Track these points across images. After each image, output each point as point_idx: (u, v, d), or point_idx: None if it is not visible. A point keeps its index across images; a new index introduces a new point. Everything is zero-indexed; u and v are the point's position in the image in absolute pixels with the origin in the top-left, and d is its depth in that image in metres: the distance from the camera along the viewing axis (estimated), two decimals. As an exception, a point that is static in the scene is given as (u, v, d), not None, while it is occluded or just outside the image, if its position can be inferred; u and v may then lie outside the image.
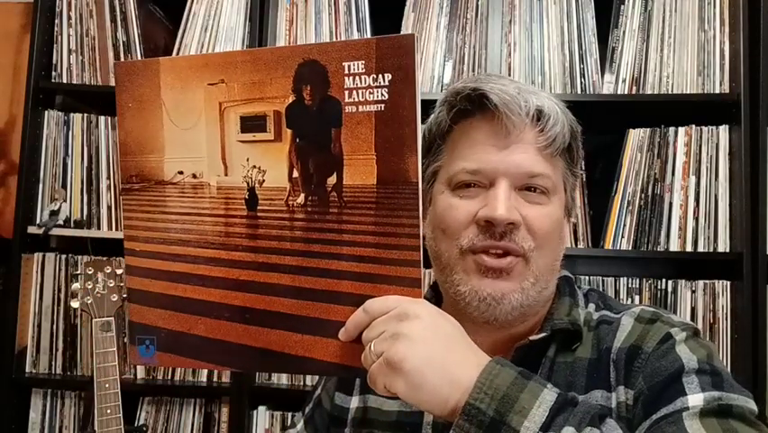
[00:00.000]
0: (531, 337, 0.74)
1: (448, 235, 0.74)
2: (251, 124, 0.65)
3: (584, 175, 1.63)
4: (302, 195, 0.64)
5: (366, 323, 0.61)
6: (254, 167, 0.65)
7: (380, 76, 0.60)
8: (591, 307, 0.80)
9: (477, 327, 0.75)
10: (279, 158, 0.64)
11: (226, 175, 0.67)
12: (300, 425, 0.89)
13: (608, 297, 0.82)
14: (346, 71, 0.61)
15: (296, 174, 0.64)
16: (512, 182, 0.72)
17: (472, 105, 0.74)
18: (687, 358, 0.66)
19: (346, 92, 0.61)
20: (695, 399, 0.62)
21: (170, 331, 0.68)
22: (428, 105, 0.77)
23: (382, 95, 0.60)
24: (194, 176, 0.68)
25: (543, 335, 0.74)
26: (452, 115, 0.75)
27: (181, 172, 0.68)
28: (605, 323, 0.76)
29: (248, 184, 0.66)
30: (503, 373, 0.57)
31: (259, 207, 0.65)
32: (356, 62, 0.60)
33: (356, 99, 0.61)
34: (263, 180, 0.65)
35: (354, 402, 0.83)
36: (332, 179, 0.63)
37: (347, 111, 0.61)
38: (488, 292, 0.71)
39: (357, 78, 0.60)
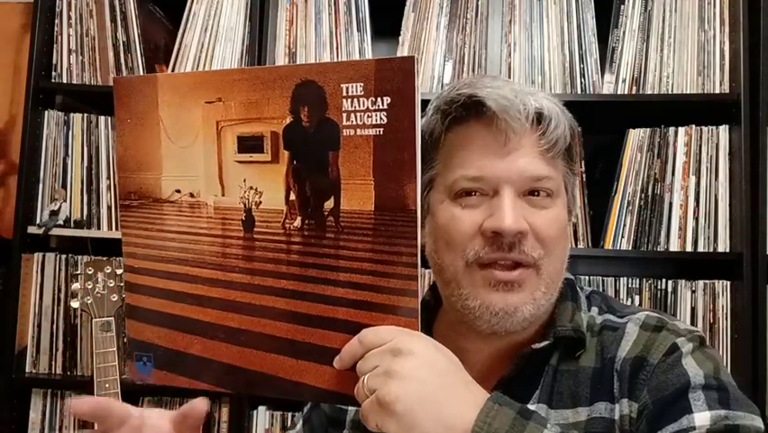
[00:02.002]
0: (534, 346, 0.72)
1: (452, 248, 0.71)
2: (249, 144, 0.64)
3: (584, 175, 1.63)
4: (299, 218, 0.63)
5: (360, 354, 0.59)
6: (251, 188, 0.64)
7: (379, 99, 0.58)
8: (594, 310, 0.78)
9: (480, 336, 0.74)
10: (276, 180, 0.63)
11: (223, 195, 0.65)
12: (299, 425, 0.89)
13: (610, 299, 0.81)
14: (344, 93, 0.59)
15: (293, 197, 0.63)
16: (516, 189, 0.69)
17: (468, 112, 0.71)
18: (693, 373, 0.65)
19: (344, 114, 0.59)
20: (701, 417, 0.61)
21: (167, 349, 0.68)
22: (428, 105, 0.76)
23: (381, 118, 0.58)
24: (191, 195, 0.67)
25: (546, 343, 0.72)
26: (447, 123, 0.72)
27: (179, 191, 0.68)
28: (609, 329, 0.74)
29: (245, 205, 0.64)
30: (501, 413, 0.55)
31: (256, 229, 0.64)
32: (355, 84, 0.59)
33: (354, 122, 0.59)
34: (260, 202, 0.64)
35: None
36: (329, 204, 0.61)
37: (345, 134, 0.59)
38: (500, 307, 0.68)
39: (355, 100, 0.59)
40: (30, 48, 1.73)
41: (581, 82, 1.63)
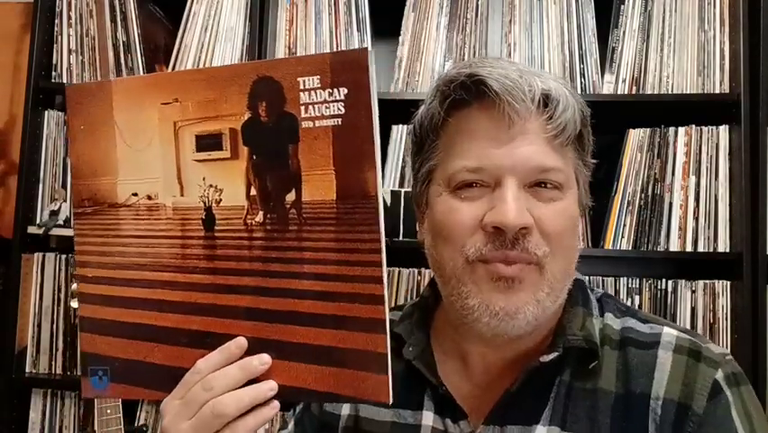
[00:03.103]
0: (542, 360, 0.67)
1: (451, 243, 0.66)
2: (207, 142, 0.63)
3: (584, 175, 1.63)
4: (260, 213, 0.62)
5: None
6: (211, 186, 0.64)
7: (336, 90, 0.58)
8: (609, 316, 0.71)
9: (483, 340, 0.70)
10: (237, 176, 0.63)
11: (182, 195, 0.65)
12: (291, 425, 0.86)
13: (621, 303, 0.75)
14: (302, 86, 0.59)
15: (253, 192, 0.62)
16: (520, 180, 0.64)
17: (469, 94, 0.65)
18: (741, 430, 0.63)
19: (302, 107, 0.60)
20: None
21: (124, 360, 0.66)
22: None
23: (339, 109, 0.59)
24: (149, 197, 0.66)
25: (555, 355, 0.67)
26: (447, 107, 0.67)
27: (135, 194, 0.66)
28: (634, 344, 0.68)
29: (205, 204, 0.64)
30: None
31: (216, 227, 0.63)
32: (311, 77, 0.59)
33: (312, 114, 0.59)
34: (220, 199, 0.63)
35: (345, 409, 0.79)
36: (290, 196, 0.61)
37: (304, 126, 0.60)
38: (500, 306, 0.64)
39: (313, 92, 0.59)
40: (30, 48, 1.73)
41: (581, 82, 1.63)
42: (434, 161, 0.70)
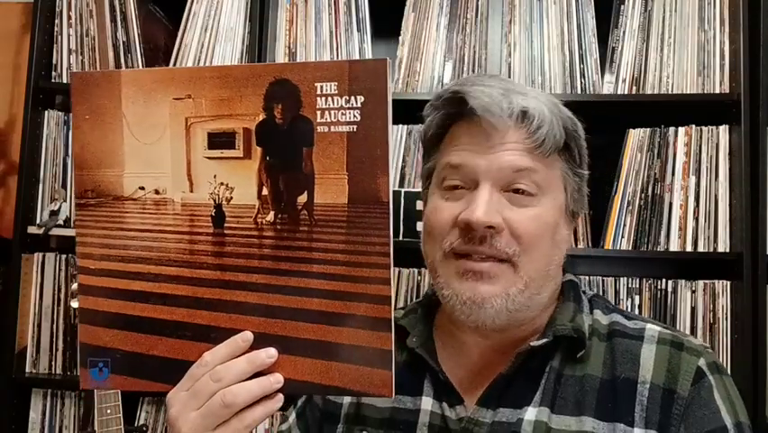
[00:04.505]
0: (531, 343, 0.72)
1: (432, 238, 0.74)
2: (220, 140, 0.64)
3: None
4: (271, 213, 0.63)
5: None
6: (222, 184, 0.64)
7: (353, 98, 0.60)
8: (597, 313, 0.78)
9: (476, 330, 0.75)
10: (248, 175, 0.63)
11: (192, 191, 0.65)
12: (292, 418, 0.88)
13: (609, 301, 0.81)
14: (318, 92, 0.61)
15: (265, 192, 0.63)
16: (495, 182, 0.71)
17: (454, 109, 0.74)
18: (725, 415, 0.68)
19: (318, 112, 0.61)
20: None
21: (126, 352, 0.66)
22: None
23: (354, 116, 0.60)
24: (156, 192, 0.66)
25: (544, 340, 0.72)
26: (439, 119, 0.76)
27: (143, 188, 0.66)
28: (620, 335, 0.74)
29: (215, 201, 0.64)
30: None
31: (226, 225, 0.64)
32: (329, 83, 0.60)
33: (328, 120, 0.61)
34: (231, 198, 0.64)
35: (347, 398, 0.82)
36: (302, 198, 0.62)
37: (319, 131, 0.61)
38: (467, 296, 0.70)
39: (329, 98, 0.60)
40: (30, 48, 1.72)
41: (581, 82, 1.63)
42: (432, 164, 0.78)
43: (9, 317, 1.68)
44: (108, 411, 1.41)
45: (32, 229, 1.69)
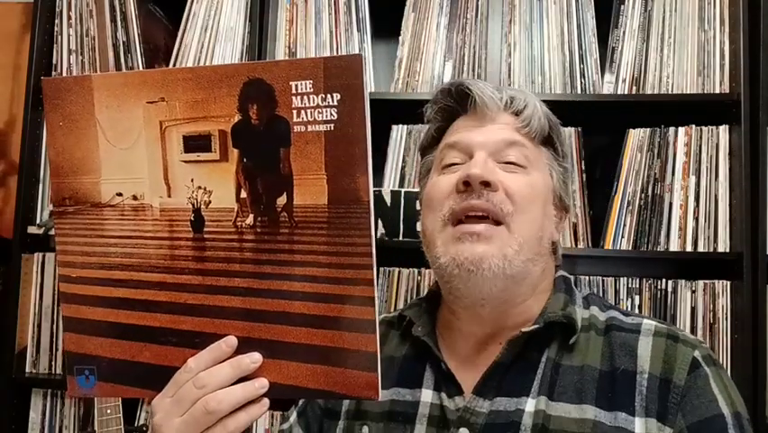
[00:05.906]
0: (523, 329, 0.74)
1: (431, 210, 0.77)
2: (195, 143, 0.63)
3: (584, 175, 1.63)
4: (251, 215, 0.62)
5: None
6: (199, 188, 0.63)
7: (329, 95, 0.59)
8: (595, 309, 0.80)
9: (473, 318, 0.77)
10: (226, 178, 0.62)
11: (169, 196, 0.64)
12: (293, 417, 0.89)
13: (605, 300, 0.84)
14: (294, 91, 0.59)
15: (244, 195, 0.62)
16: (489, 153, 0.76)
17: (453, 100, 0.81)
18: (722, 404, 0.69)
19: (294, 111, 0.60)
20: None
21: (112, 360, 0.65)
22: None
23: (331, 114, 0.59)
24: (134, 197, 0.65)
25: (535, 327, 0.74)
26: (437, 112, 0.83)
27: (120, 194, 0.66)
28: (617, 329, 0.76)
29: (193, 205, 0.63)
30: None
31: (205, 229, 0.63)
32: (304, 82, 0.59)
33: (305, 119, 0.59)
34: (209, 201, 0.63)
35: None
36: (281, 199, 0.61)
37: (296, 130, 0.60)
38: (465, 256, 0.71)
39: (305, 97, 0.59)
40: (30, 48, 1.72)
41: (581, 82, 1.63)
42: (432, 156, 0.84)
43: (9, 318, 1.68)
44: (108, 411, 1.41)
45: (32, 229, 1.68)
